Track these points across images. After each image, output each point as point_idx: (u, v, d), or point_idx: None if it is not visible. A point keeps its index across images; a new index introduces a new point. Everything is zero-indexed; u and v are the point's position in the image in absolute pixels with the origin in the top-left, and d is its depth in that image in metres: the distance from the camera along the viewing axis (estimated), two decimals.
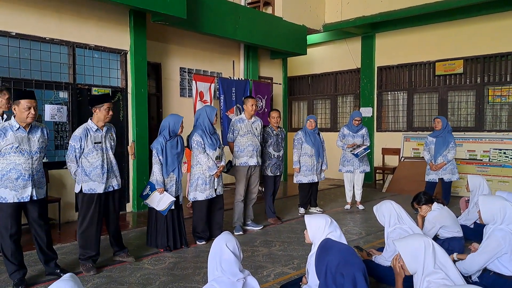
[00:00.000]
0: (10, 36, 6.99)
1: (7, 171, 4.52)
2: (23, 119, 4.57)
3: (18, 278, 4.69)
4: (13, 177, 4.54)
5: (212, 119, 6.30)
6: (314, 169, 8.22)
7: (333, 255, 3.19)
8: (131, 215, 8.36)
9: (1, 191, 4.53)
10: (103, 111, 5.15)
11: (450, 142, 8.30)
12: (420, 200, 5.70)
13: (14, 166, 4.53)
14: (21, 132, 4.58)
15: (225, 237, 3.08)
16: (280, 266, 5.36)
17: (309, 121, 8.35)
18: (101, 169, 5.10)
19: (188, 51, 10.22)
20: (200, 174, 6.26)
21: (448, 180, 8.38)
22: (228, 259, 2.95)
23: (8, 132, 4.53)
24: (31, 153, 4.63)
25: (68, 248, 6.11)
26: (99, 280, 4.90)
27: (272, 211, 7.76)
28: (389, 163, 12.61)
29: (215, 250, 3.01)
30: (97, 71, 8.18)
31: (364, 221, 7.91)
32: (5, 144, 4.50)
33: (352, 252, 3.29)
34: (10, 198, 4.54)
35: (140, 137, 8.57)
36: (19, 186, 4.57)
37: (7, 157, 4.52)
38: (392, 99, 13.04)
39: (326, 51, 14.39)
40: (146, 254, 5.82)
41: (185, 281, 4.83)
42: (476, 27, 11.17)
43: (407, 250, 3.22)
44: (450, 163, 8.33)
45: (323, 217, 3.69)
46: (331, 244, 3.35)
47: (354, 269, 3.07)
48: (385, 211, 4.74)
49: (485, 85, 11.18)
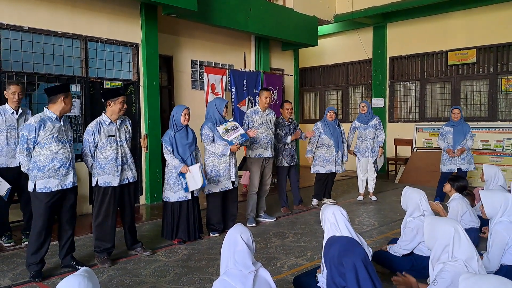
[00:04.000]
0: (23, 30, 7.03)
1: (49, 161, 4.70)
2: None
3: (35, 270, 4.76)
4: (56, 166, 4.72)
5: (222, 110, 6.30)
6: (332, 160, 8.22)
7: (334, 248, 3.20)
8: (145, 208, 8.42)
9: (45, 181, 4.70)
10: (118, 105, 5.17)
11: (468, 131, 8.19)
12: (458, 182, 5.65)
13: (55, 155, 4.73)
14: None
15: (240, 228, 3.08)
16: (294, 257, 5.37)
17: (329, 113, 8.36)
18: (115, 162, 5.13)
19: (199, 43, 10.21)
20: (214, 166, 6.27)
21: (466, 170, 8.21)
22: (242, 250, 2.94)
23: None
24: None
25: (83, 241, 6.15)
26: (114, 272, 4.95)
27: (298, 199, 8.06)
28: (401, 154, 12.56)
29: (229, 241, 3.01)
30: (109, 65, 8.21)
31: (377, 212, 7.90)
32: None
33: (353, 242, 3.29)
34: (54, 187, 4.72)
35: (153, 130, 8.61)
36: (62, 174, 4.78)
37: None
38: (404, 89, 12.95)
39: (337, 42, 14.31)
40: (160, 246, 5.86)
41: (199, 273, 4.86)
42: (488, 16, 11.04)
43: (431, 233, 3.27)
44: (468, 152, 8.23)
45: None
46: (334, 239, 3.36)
47: (354, 257, 3.05)
48: (410, 200, 4.72)
49: (498, 75, 11.07)
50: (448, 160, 8.33)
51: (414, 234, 4.59)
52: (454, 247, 3.15)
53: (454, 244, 3.15)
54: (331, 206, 3.67)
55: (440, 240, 3.21)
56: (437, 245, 3.23)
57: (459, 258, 3.10)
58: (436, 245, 3.24)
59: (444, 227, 3.24)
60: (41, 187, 4.66)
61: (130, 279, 4.73)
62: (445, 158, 8.39)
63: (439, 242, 3.22)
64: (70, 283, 2.23)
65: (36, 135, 4.62)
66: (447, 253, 3.17)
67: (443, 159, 8.42)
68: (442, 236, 3.20)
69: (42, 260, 4.83)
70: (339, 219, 3.53)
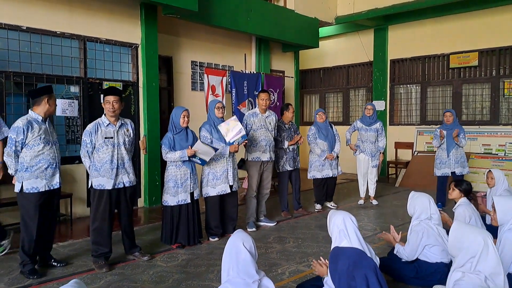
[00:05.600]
0: (21, 30, 6.94)
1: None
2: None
3: (30, 268, 4.84)
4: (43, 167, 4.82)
5: (213, 111, 6.26)
6: (328, 164, 8.10)
7: (342, 261, 3.13)
8: (143, 211, 8.33)
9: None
10: (106, 105, 5.09)
11: (460, 133, 8.13)
12: (462, 185, 5.53)
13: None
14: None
15: (242, 235, 2.98)
16: (295, 263, 5.27)
17: (318, 115, 8.24)
18: (110, 165, 5.05)
19: (199, 44, 10.12)
20: (211, 169, 6.19)
21: (460, 173, 8.16)
22: (245, 259, 2.86)
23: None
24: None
25: (80, 244, 6.07)
26: (112, 277, 4.85)
27: (298, 203, 7.97)
28: (402, 157, 12.49)
29: (231, 249, 2.92)
30: (108, 65, 8.12)
31: (378, 216, 7.82)
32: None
33: (361, 254, 3.21)
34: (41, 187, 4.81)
35: (152, 132, 8.51)
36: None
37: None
38: (405, 92, 12.88)
39: (338, 44, 14.24)
40: (158, 251, 5.76)
41: (199, 279, 4.76)
42: (491, 19, 10.97)
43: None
44: (461, 156, 8.17)
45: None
46: (340, 250, 3.27)
47: (365, 269, 2.99)
48: (419, 203, 4.59)
49: (501, 78, 11.00)
50: (441, 164, 8.27)
51: (420, 237, 4.46)
52: (479, 260, 2.97)
53: (480, 258, 2.97)
54: (341, 212, 3.57)
55: (466, 250, 3.04)
56: (462, 255, 3.05)
57: (482, 272, 2.97)
58: (460, 255, 3.06)
59: (473, 237, 3.05)
60: (28, 187, 4.74)
61: (128, 285, 4.64)
62: (438, 162, 8.33)
63: (465, 252, 3.04)
64: None
65: (24, 137, 4.69)
66: (470, 264, 3.01)
67: (437, 163, 8.36)
68: (470, 247, 3.02)
69: (35, 260, 4.94)
70: (348, 226, 3.42)
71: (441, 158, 8.26)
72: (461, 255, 3.07)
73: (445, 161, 8.20)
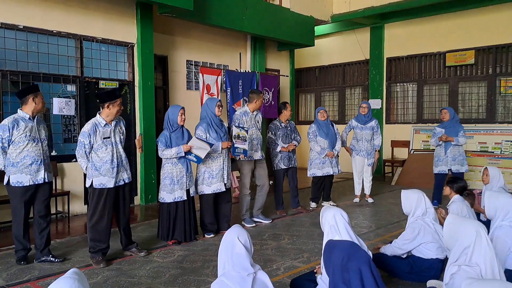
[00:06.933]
0: (17, 29, 6.96)
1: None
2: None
3: (22, 255, 5.16)
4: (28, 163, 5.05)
5: (214, 109, 6.23)
6: (328, 161, 8.13)
7: (336, 253, 3.15)
8: (139, 208, 8.35)
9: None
10: (116, 107, 5.15)
11: (459, 131, 8.14)
12: (456, 183, 5.55)
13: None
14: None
15: (237, 230, 3.02)
16: (290, 259, 5.31)
17: (320, 112, 8.27)
18: (110, 164, 5.09)
19: (194, 43, 10.15)
20: (207, 168, 6.22)
21: (457, 171, 8.15)
22: (240, 252, 2.90)
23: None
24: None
25: (77, 241, 6.11)
26: (109, 273, 4.88)
27: (297, 202, 7.99)
28: (398, 156, 12.52)
29: (226, 243, 2.96)
30: (104, 64, 8.14)
31: (374, 214, 7.85)
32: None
33: (355, 246, 3.23)
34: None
35: (147, 130, 8.54)
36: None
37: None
38: (401, 90, 12.90)
39: (334, 42, 14.26)
40: (155, 247, 5.80)
41: (195, 274, 4.80)
42: (487, 17, 11.01)
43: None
44: (460, 154, 8.17)
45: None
46: (333, 243, 3.30)
47: (359, 262, 3.02)
48: (413, 200, 4.60)
49: (497, 76, 11.04)
50: (439, 161, 8.28)
51: (416, 234, 4.48)
52: (474, 251, 3.04)
53: (474, 248, 3.03)
54: (332, 208, 3.60)
55: (460, 240, 3.12)
56: (457, 246, 3.13)
57: (476, 263, 3.02)
58: (456, 246, 3.14)
59: (466, 228, 3.14)
60: (14, 181, 5.00)
61: (125, 280, 4.67)
62: (436, 159, 8.35)
63: (460, 243, 3.12)
64: (61, 286, 2.18)
65: (10, 134, 4.96)
66: (465, 256, 3.07)
67: (435, 160, 8.38)
68: (464, 237, 3.10)
69: (26, 247, 5.20)
70: (339, 222, 3.44)
71: (439, 155, 8.27)
72: (456, 247, 3.14)
73: (442, 159, 8.21)
